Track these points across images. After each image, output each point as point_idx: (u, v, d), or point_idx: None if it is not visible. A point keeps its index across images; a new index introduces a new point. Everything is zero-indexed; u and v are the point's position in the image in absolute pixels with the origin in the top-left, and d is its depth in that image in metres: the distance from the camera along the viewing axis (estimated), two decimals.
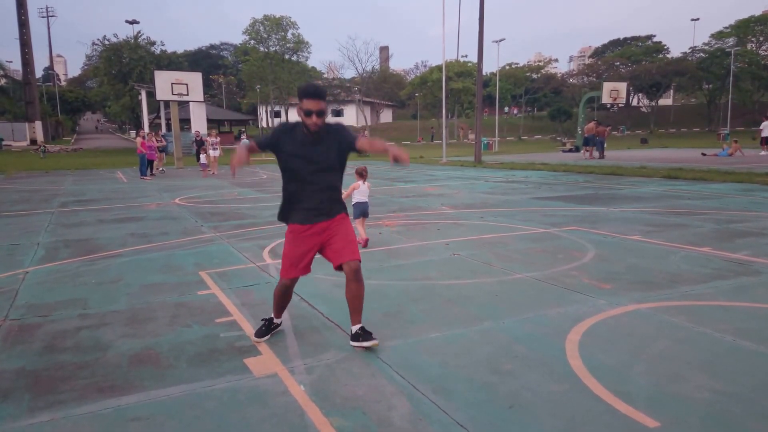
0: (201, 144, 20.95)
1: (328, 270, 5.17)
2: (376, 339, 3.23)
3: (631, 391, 2.67)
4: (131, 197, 12.13)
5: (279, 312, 3.49)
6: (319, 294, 4.41)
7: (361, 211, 6.30)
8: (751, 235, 6.44)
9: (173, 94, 22.68)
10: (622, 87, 30.49)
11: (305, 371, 2.99)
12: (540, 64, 75.64)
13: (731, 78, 50.52)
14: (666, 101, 76.40)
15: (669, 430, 2.33)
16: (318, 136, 3.10)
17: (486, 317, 3.76)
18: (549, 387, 2.74)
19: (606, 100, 29.67)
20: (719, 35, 60.94)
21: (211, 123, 43.68)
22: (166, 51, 49.65)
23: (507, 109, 69.47)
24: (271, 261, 5.61)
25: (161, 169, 20.53)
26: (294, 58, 55.49)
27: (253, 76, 54.01)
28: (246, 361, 3.12)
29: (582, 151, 26.20)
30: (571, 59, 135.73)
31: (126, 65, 45.15)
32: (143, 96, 34.91)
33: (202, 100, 25.91)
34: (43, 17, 79.79)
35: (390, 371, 2.97)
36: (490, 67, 74.22)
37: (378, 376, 2.91)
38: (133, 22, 46.10)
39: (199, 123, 32.88)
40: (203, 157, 18.99)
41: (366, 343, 3.22)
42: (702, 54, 62.13)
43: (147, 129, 29.86)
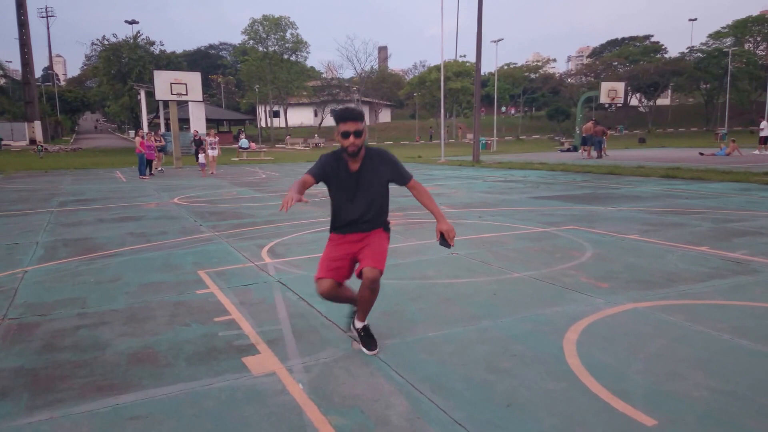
0: (199, 144, 20.93)
1: None
2: (376, 350, 3.19)
3: (629, 390, 2.68)
4: (130, 197, 12.12)
5: (350, 302, 3.37)
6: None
7: None
8: (749, 234, 6.46)
9: (172, 93, 22.67)
10: (620, 87, 30.55)
11: (303, 370, 2.99)
12: (538, 64, 75.65)
13: (729, 78, 50.61)
14: (664, 101, 76.50)
15: (666, 428, 2.34)
16: (361, 164, 3.06)
17: (484, 316, 3.77)
18: (547, 385, 2.75)
19: (604, 99, 29.74)
20: (717, 35, 61.07)
21: (210, 123, 43.71)
22: (165, 51, 49.57)
23: (504, 109, 69.54)
24: (270, 260, 5.61)
25: (160, 169, 20.52)
26: (293, 58, 55.49)
27: (252, 76, 54.00)
28: (244, 360, 3.13)
29: (580, 151, 26.24)
30: (569, 59, 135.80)
31: (125, 65, 45.09)
32: (142, 96, 34.86)
33: (201, 99, 25.90)
34: (43, 17, 79.82)
35: (388, 370, 2.97)
36: (488, 67, 74.41)
37: (376, 374, 2.92)
38: (133, 22, 46.05)
39: (198, 123, 32.83)
40: (202, 157, 18.99)
41: (364, 350, 3.21)
42: (700, 54, 62.24)
43: (146, 129, 29.84)
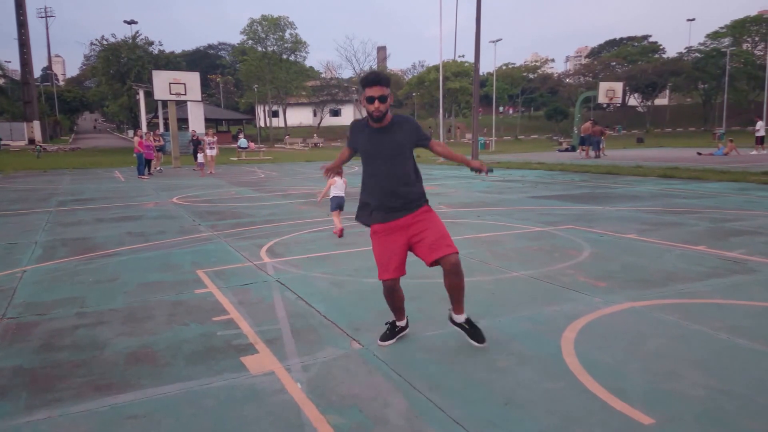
0: (197, 143, 20.93)
1: (324, 268, 5.20)
2: (485, 342, 3.17)
3: (627, 389, 2.69)
4: (129, 196, 12.11)
5: (397, 314, 3.35)
6: (317, 292, 4.42)
7: (337, 204, 6.75)
8: (746, 234, 6.47)
9: (171, 93, 22.64)
10: (618, 87, 30.59)
11: (302, 369, 2.99)
12: (537, 64, 75.73)
13: (726, 78, 50.70)
14: (662, 101, 76.59)
15: (664, 426, 2.35)
16: (385, 126, 3.10)
17: (482, 315, 3.77)
18: (545, 384, 2.76)
19: (602, 99, 29.78)
20: (715, 35, 61.16)
21: (209, 122, 43.67)
22: (164, 51, 49.52)
23: (502, 109, 69.56)
24: (269, 260, 5.61)
25: (159, 169, 20.51)
26: (292, 57, 55.49)
27: (251, 75, 54.00)
28: (243, 360, 3.13)
29: (578, 151, 26.27)
30: (568, 59, 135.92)
31: (124, 65, 45.04)
32: (141, 96, 34.81)
33: (199, 99, 25.88)
34: (42, 17, 79.63)
35: (387, 369, 2.98)
36: (487, 67, 74.44)
37: (375, 373, 2.93)
38: (132, 22, 45.95)
39: (197, 122, 32.80)
40: (200, 157, 18.99)
41: (474, 342, 3.18)
42: (698, 54, 62.33)
43: (145, 128, 29.81)
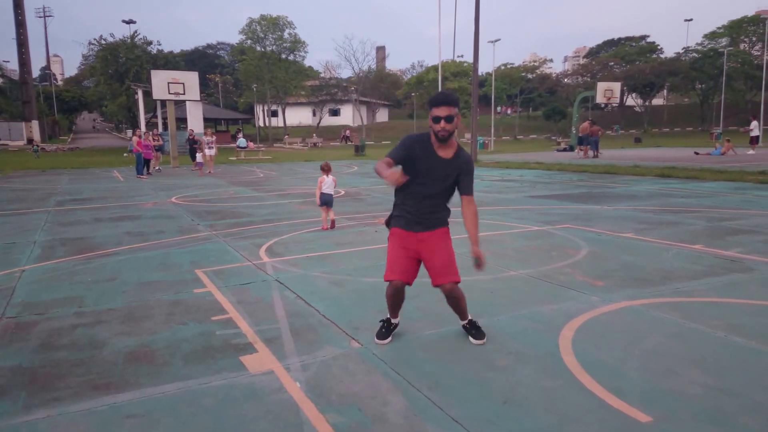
0: (194, 143, 20.90)
1: (324, 268, 5.20)
2: (482, 340, 3.30)
3: (624, 387, 2.70)
4: (127, 196, 12.10)
5: (393, 312, 3.42)
6: (316, 292, 4.43)
7: (325, 201, 7.26)
8: (743, 233, 6.49)
9: (170, 93, 22.61)
10: (616, 87, 30.61)
11: (301, 368, 3.00)
12: (535, 64, 75.73)
13: (724, 78, 50.73)
14: (659, 101, 76.69)
15: (661, 424, 2.36)
16: (448, 152, 3.13)
17: (481, 314, 3.78)
18: (543, 383, 2.77)
19: (600, 99, 29.79)
20: (712, 35, 61.20)
21: (208, 122, 43.60)
22: (162, 50, 49.47)
23: (499, 109, 69.60)
24: (268, 259, 5.62)
25: (158, 168, 20.49)
26: (291, 57, 55.43)
27: (250, 75, 53.93)
28: (242, 359, 3.13)
29: (576, 150, 26.30)
30: (566, 59, 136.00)
31: (122, 65, 44.97)
32: (140, 95, 34.76)
33: (198, 99, 25.86)
34: (40, 17, 79.52)
35: (385, 368, 2.99)
36: (485, 67, 74.43)
37: (373, 372, 2.93)
38: (130, 21, 45.87)
39: (196, 122, 32.74)
40: (199, 156, 18.97)
41: (472, 339, 3.32)
42: (695, 54, 62.36)
43: (143, 128, 29.77)
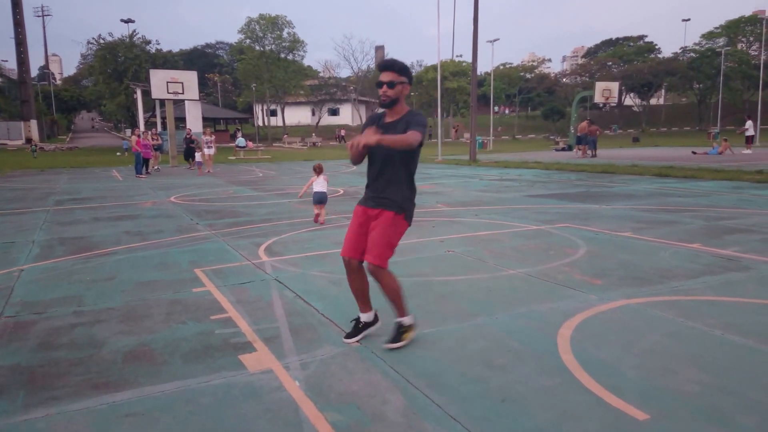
0: (191, 142, 20.87)
1: (323, 267, 5.21)
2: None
3: (622, 385, 2.71)
4: (126, 195, 12.09)
5: (360, 304, 3.40)
6: (315, 291, 4.43)
7: (318, 199, 7.67)
8: (740, 232, 6.51)
9: (169, 92, 22.60)
10: (614, 86, 30.69)
11: (300, 367, 3.01)
12: (533, 64, 75.78)
13: (721, 77, 50.80)
14: (657, 101, 76.76)
15: (659, 422, 2.37)
16: (395, 120, 3.11)
17: (479, 313, 3.79)
18: (541, 381, 2.78)
19: (598, 99, 29.86)
20: (710, 35, 61.30)
21: (207, 121, 43.60)
22: (161, 50, 49.43)
23: (497, 109, 69.61)
24: (267, 258, 5.62)
25: (156, 168, 20.48)
26: (290, 57, 55.41)
27: (249, 74, 53.91)
28: (241, 358, 3.14)
29: (575, 150, 26.33)
30: (564, 59, 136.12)
31: (121, 64, 44.94)
32: (139, 95, 34.77)
33: (197, 98, 25.84)
34: (39, 16, 79.26)
35: (384, 366, 2.99)
36: (484, 67, 74.30)
37: (372, 371, 2.94)
38: (129, 20, 45.83)
39: (195, 121, 32.75)
40: (198, 155, 18.97)
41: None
42: (693, 54, 62.45)
43: (142, 128, 29.75)
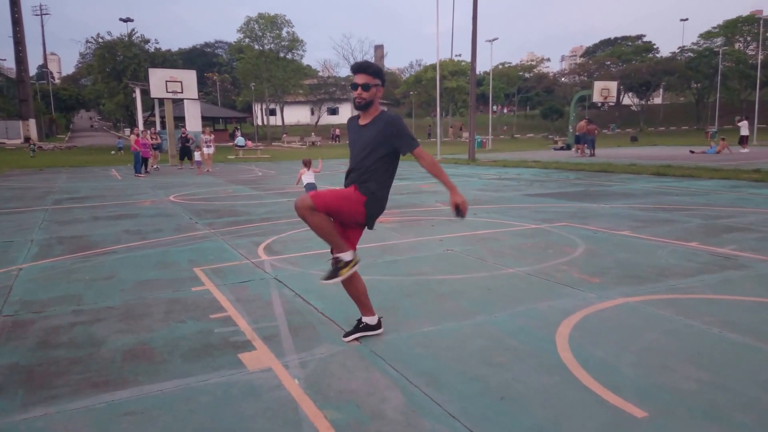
0: (186, 141, 20.84)
1: (322, 266, 5.21)
2: (329, 279, 3.20)
3: (620, 383, 2.72)
4: (125, 194, 12.08)
5: (359, 307, 3.40)
6: (314, 289, 4.44)
7: (309, 189, 8.46)
8: (738, 230, 6.52)
9: (168, 91, 22.59)
10: (612, 86, 30.69)
11: (299, 365, 3.01)
12: (532, 63, 75.88)
13: (719, 77, 50.87)
14: (655, 100, 76.82)
15: (657, 419, 2.38)
16: (372, 117, 3.14)
17: (478, 311, 3.80)
18: (540, 379, 2.79)
19: (597, 98, 29.85)
20: (707, 35, 61.37)
21: (206, 120, 43.53)
22: (160, 49, 49.32)
23: (495, 108, 69.66)
24: (266, 257, 5.62)
25: (156, 167, 20.46)
26: (289, 56, 55.36)
27: (248, 73, 53.85)
28: (240, 356, 3.14)
29: (573, 149, 26.34)
30: (563, 59, 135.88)
31: (120, 63, 44.84)
32: (137, 94, 34.69)
33: (196, 97, 25.83)
34: (37, 15, 79.04)
35: (384, 364, 3.00)
36: (483, 66, 74.30)
37: (372, 369, 2.95)
38: (127, 20, 45.73)
39: (194, 121, 32.73)
40: (198, 155, 18.95)
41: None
42: (691, 53, 62.53)
43: (141, 127, 29.72)
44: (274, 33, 53.67)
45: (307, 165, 8.73)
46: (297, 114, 71.12)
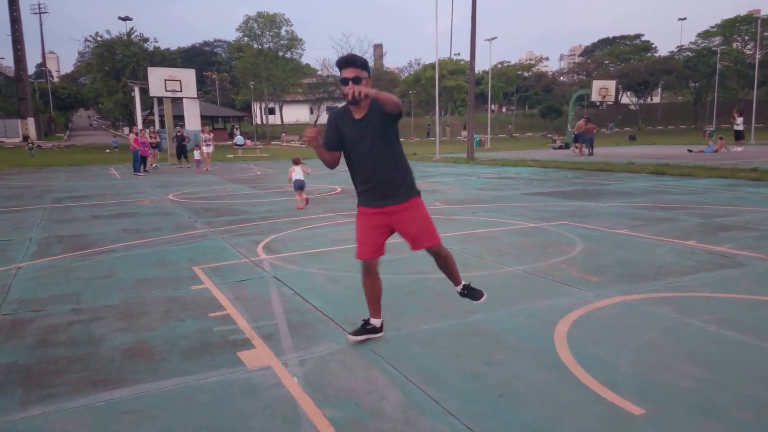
0: (182, 140, 20.83)
1: (321, 264, 5.22)
2: (482, 298, 3.45)
3: (618, 380, 2.73)
4: (124, 193, 12.07)
5: (371, 308, 3.34)
6: (313, 288, 4.44)
7: (299, 186, 8.94)
8: (735, 229, 6.54)
9: (166, 90, 22.57)
10: (611, 85, 30.72)
11: (299, 364, 3.02)
12: (531, 62, 75.95)
13: (717, 76, 50.94)
14: (654, 99, 76.90)
15: (655, 417, 2.39)
16: (366, 108, 3.04)
17: (477, 309, 3.80)
18: (538, 377, 2.79)
19: (595, 97, 29.87)
20: (706, 35, 61.46)
21: (205, 119, 43.50)
22: (159, 48, 49.23)
23: (494, 108, 69.62)
24: (266, 256, 5.63)
25: (155, 165, 20.45)
26: (288, 55, 55.34)
27: (247, 72, 53.85)
28: (239, 355, 3.15)
29: (572, 148, 26.36)
30: (562, 58, 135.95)
31: (119, 62, 44.75)
32: (136, 92, 34.62)
33: (195, 96, 25.81)
34: (36, 14, 79.03)
35: (383, 363, 3.01)
36: (482, 66, 74.32)
37: (371, 367, 2.95)
38: (126, 18, 45.64)
39: (193, 119, 32.70)
40: (197, 154, 18.95)
41: (475, 302, 3.47)
42: (689, 53, 62.63)
43: (140, 125, 29.66)
44: (273, 32, 53.68)
45: (296, 163, 9.15)
46: (296, 113, 71.09)
